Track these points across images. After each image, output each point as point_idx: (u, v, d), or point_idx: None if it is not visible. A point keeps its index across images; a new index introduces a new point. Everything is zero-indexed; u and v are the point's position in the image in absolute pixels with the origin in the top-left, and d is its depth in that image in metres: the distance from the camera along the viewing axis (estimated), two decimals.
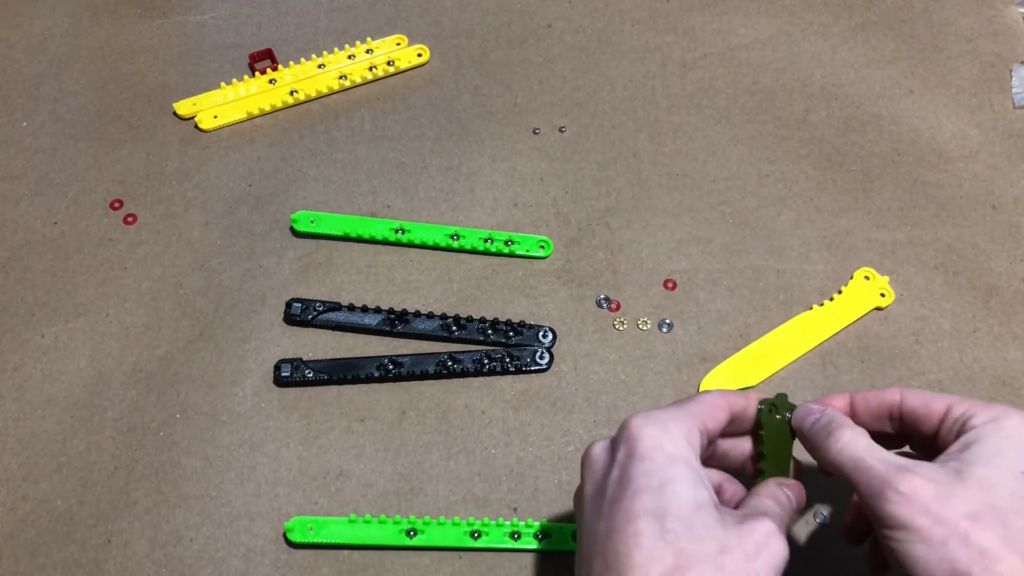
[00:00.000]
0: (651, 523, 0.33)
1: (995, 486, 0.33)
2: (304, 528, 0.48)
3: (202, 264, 0.57)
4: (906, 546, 0.33)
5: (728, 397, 0.39)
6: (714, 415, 0.38)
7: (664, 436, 0.35)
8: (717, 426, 0.38)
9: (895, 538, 0.33)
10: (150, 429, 0.52)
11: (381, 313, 0.54)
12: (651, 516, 0.33)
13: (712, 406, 0.38)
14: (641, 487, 0.34)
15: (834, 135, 0.61)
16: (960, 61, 0.64)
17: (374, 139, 0.62)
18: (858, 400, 0.40)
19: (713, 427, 0.38)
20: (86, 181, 0.60)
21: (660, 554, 0.33)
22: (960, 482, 0.33)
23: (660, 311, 0.55)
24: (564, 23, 0.67)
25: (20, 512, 0.50)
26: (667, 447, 0.35)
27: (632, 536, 0.33)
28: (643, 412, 0.37)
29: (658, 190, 0.59)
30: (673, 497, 0.34)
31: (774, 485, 0.38)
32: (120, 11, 0.68)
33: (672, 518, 0.33)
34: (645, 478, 0.34)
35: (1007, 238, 0.57)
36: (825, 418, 0.38)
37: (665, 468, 0.35)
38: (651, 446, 0.35)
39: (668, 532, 0.33)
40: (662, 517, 0.33)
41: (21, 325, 0.55)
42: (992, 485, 0.33)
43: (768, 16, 0.67)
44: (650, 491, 0.34)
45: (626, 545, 0.33)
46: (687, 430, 0.36)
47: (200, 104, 0.63)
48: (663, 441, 0.35)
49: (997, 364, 0.53)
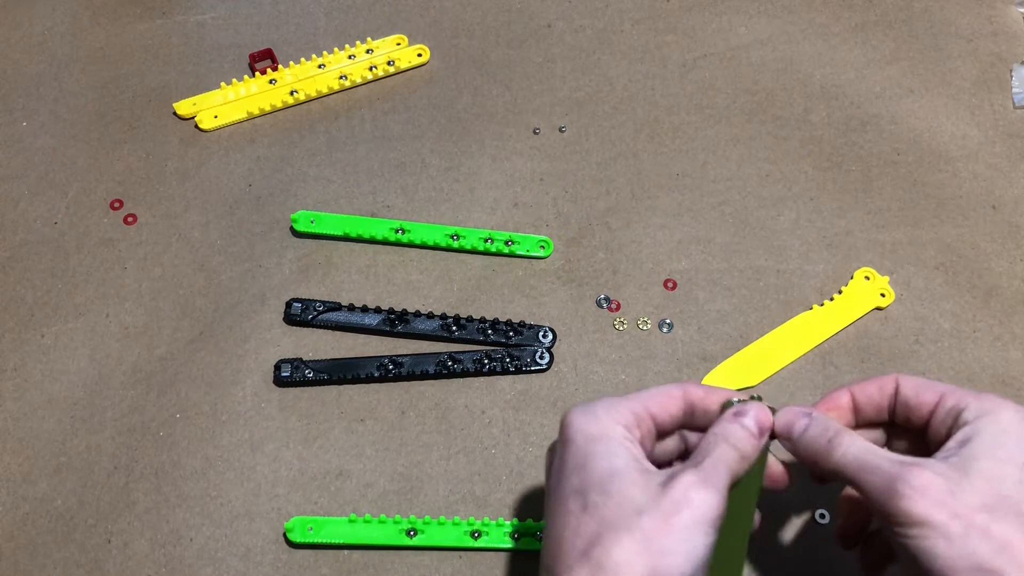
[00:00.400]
0: (576, 501, 0.34)
1: (1001, 478, 0.33)
2: (304, 528, 0.48)
3: (202, 264, 0.57)
4: (925, 543, 0.32)
5: (688, 389, 0.38)
6: (662, 403, 0.38)
7: (590, 420, 0.36)
8: (666, 415, 0.38)
9: (912, 535, 0.32)
10: (150, 429, 0.52)
11: (381, 313, 0.54)
12: (576, 494, 0.34)
13: (662, 395, 0.38)
14: (569, 469, 0.35)
15: (834, 135, 0.61)
16: (960, 61, 0.64)
17: (374, 139, 0.62)
18: (857, 391, 0.39)
19: (661, 415, 0.37)
20: (86, 181, 0.60)
21: (585, 528, 0.33)
22: (967, 476, 0.33)
23: (660, 311, 0.55)
24: (564, 23, 0.67)
25: (20, 512, 0.50)
26: (590, 429, 0.36)
27: (563, 518, 0.34)
28: (581, 402, 0.37)
29: (658, 190, 0.59)
30: (593, 472, 0.34)
31: (726, 421, 0.37)
32: (120, 11, 0.68)
33: (592, 491, 0.34)
34: (571, 461, 0.35)
35: (1007, 238, 0.57)
36: (818, 425, 0.37)
37: (585, 446, 0.35)
38: (576, 429, 0.36)
39: (589, 504, 0.33)
40: (584, 492, 0.34)
41: (21, 325, 0.55)
42: (998, 478, 0.33)
43: (768, 16, 0.67)
44: (575, 472, 0.35)
45: (558, 527, 0.34)
46: (618, 414, 0.36)
47: (200, 104, 0.63)
48: (588, 424, 0.36)
49: (997, 364, 0.53)
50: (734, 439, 0.36)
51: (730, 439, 0.36)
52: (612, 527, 0.32)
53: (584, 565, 0.32)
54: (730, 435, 0.36)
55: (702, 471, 0.34)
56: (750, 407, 0.37)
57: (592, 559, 0.32)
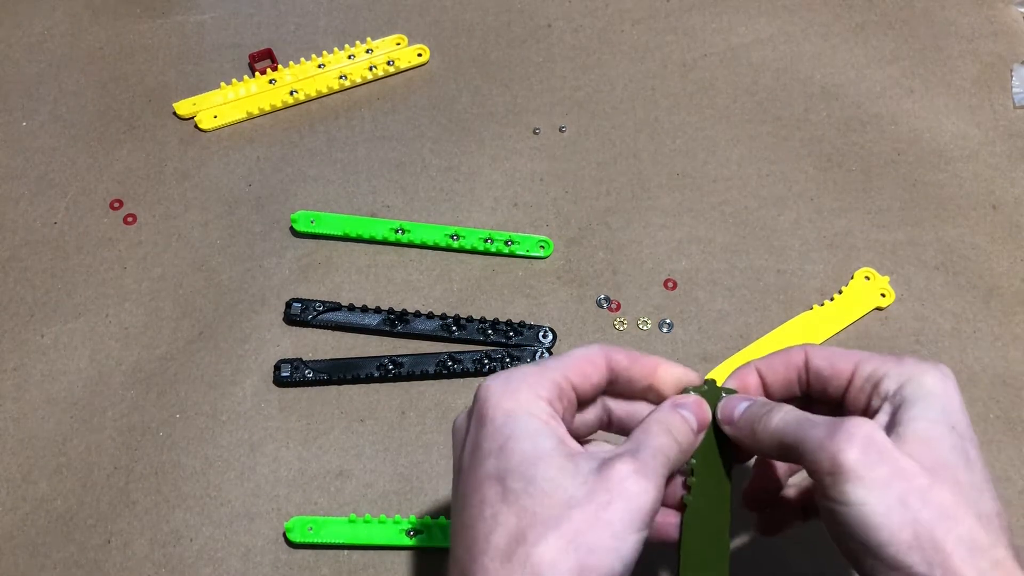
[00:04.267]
0: (493, 488, 0.31)
1: (936, 441, 0.31)
2: (304, 528, 0.48)
3: (202, 264, 0.57)
4: (861, 509, 0.30)
5: (610, 353, 0.35)
6: (582, 370, 0.34)
7: (507, 394, 0.32)
8: (588, 384, 0.35)
9: (848, 499, 0.30)
10: (150, 429, 0.52)
11: (381, 313, 0.54)
12: (493, 480, 0.31)
13: (582, 361, 0.34)
14: (485, 452, 0.32)
15: (834, 135, 0.61)
16: (960, 61, 0.64)
17: (374, 139, 0.62)
18: (764, 367, 0.37)
19: (582, 384, 0.34)
20: (86, 181, 0.60)
21: (503, 519, 0.30)
22: (902, 439, 0.31)
23: (660, 311, 0.55)
24: (564, 23, 0.67)
25: (20, 512, 0.49)
26: (507, 405, 0.32)
27: (477, 506, 0.31)
28: (496, 372, 0.34)
29: (658, 190, 0.59)
30: (512, 455, 0.31)
31: (667, 410, 0.34)
32: (120, 11, 0.68)
33: (512, 477, 0.30)
34: (488, 441, 0.32)
35: (1007, 238, 0.57)
36: (758, 403, 0.35)
37: (505, 426, 0.32)
38: (494, 405, 0.32)
39: (509, 492, 0.30)
40: (503, 478, 0.30)
41: (21, 325, 0.55)
42: (933, 440, 0.31)
43: (768, 16, 0.67)
44: (493, 454, 0.31)
45: (472, 516, 0.31)
46: (535, 385, 0.33)
47: (200, 104, 0.63)
48: (505, 400, 0.32)
49: (997, 364, 0.53)
50: (675, 431, 0.33)
51: (672, 430, 0.33)
52: (537, 521, 0.29)
53: (503, 565, 0.29)
54: (671, 425, 0.33)
55: (639, 460, 0.31)
56: (690, 399, 0.35)
57: (514, 560, 0.29)
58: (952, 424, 0.32)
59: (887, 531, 0.29)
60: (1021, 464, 0.50)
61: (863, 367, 0.34)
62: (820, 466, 0.31)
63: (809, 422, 0.32)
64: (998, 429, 0.51)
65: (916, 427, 0.31)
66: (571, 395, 0.34)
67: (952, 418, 0.32)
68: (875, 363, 0.34)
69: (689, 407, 0.35)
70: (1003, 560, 0.29)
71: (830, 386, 0.35)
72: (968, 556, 0.29)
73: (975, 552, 0.29)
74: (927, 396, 0.32)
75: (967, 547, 0.29)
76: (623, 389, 0.36)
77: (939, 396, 0.32)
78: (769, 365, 0.37)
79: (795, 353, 0.36)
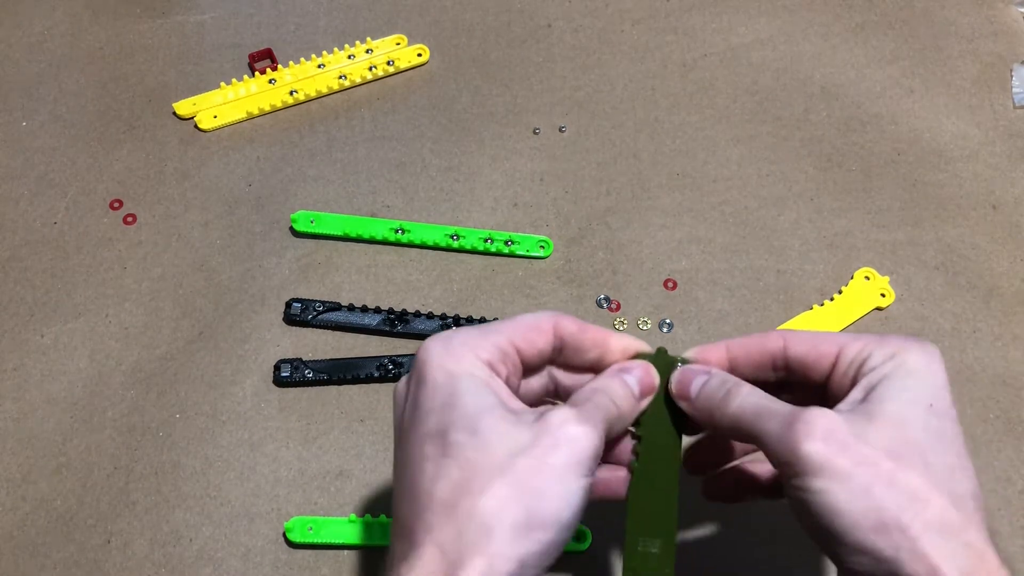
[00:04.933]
0: (434, 445, 0.30)
1: (908, 421, 0.30)
2: (304, 528, 0.48)
3: (202, 264, 0.57)
4: (825, 497, 0.29)
5: (560, 322, 0.34)
6: (529, 338, 0.34)
7: (448, 355, 0.32)
8: (534, 350, 0.34)
9: (810, 488, 0.30)
10: (150, 429, 0.52)
11: (381, 313, 0.54)
12: (435, 436, 0.30)
13: (528, 327, 0.34)
14: (425, 411, 0.31)
15: (834, 135, 0.61)
16: (960, 61, 0.64)
17: (374, 139, 0.62)
18: (736, 349, 0.36)
19: (528, 350, 0.34)
20: (86, 181, 0.60)
21: (445, 471, 0.29)
22: (871, 421, 0.30)
23: (660, 311, 0.55)
24: (564, 23, 0.67)
25: (20, 512, 0.49)
26: (449, 365, 0.32)
27: (419, 463, 0.30)
28: (436, 334, 0.33)
29: (658, 190, 0.59)
30: (453, 410, 0.30)
31: (609, 376, 0.34)
32: (120, 11, 0.68)
33: (454, 430, 0.30)
34: (429, 400, 0.31)
35: (1007, 238, 0.57)
36: (715, 379, 0.34)
37: (446, 384, 0.31)
38: (436, 366, 0.32)
39: (451, 446, 0.30)
40: (444, 434, 0.30)
41: (21, 325, 0.55)
42: (905, 421, 0.30)
43: (768, 16, 0.67)
44: (434, 412, 0.31)
45: (413, 473, 0.30)
46: (481, 348, 0.32)
47: (200, 104, 0.63)
48: (446, 360, 0.32)
49: (997, 364, 0.53)
50: (614, 395, 0.33)
51: (610, 394, 0.33)
52: (481, 471, 0.29)
53: (448, 518, 0.29)
54: (611, 390, 0.33)
55: (583, 412, 0.31)
56: (636, 366, 0.35)
57: (458, 511, 0.29)
58: (929, 402, 0.31)
59: (850, 517, 0.29)
60: (1021, 464, 0.50)
61: (847, 350, 0.33)
62: (779, 458, 0.31)
63: (768, 412, 0.32)
64: (998, 429, 0.51)
65: (888, 407, 0.31)
66: (515, 359, 0.34)
67: (929, 396, 0.31)
68: (859, 344, 0.33)
69: (633, 373, 0.34)
70: (974, 542, 0.29)
71: (813, 372, 0.34)
72: (937, 538, 0.29)
73: (945, 534, 0.29)
74: (906, 375, 0.32)
75: (936, 530, 0.29)
76: (572, 358, 0.35)
77: (919, 373, 0.32)
78: (742, 346, 0.36)
79: (772, 338, 0.35)
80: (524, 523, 0.29)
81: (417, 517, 0.30)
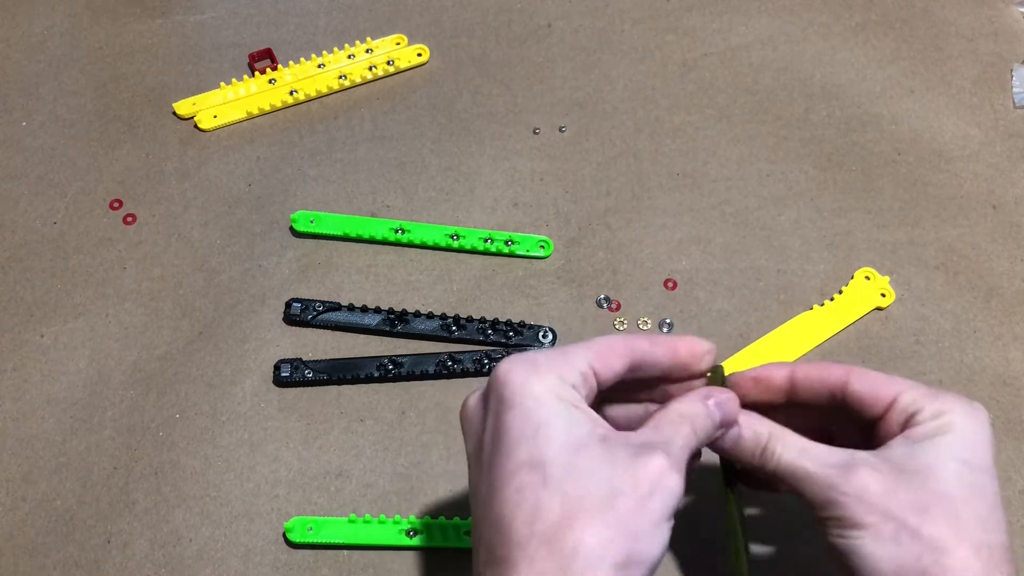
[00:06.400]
0: (531, 475, 0.30)
1: (941, 476, 0.32)
2: (304, 528, 0.48)
3: (202, 264, 0.57)
4: (855, 543, 0.32)
5: (632, 342, 0.35)
6: (608, 362, 0.34)
7: (532, 378, 0.32)
8: (610, 372, 0.34)
9: (845, 535, 0.33)
10: (150, 429, 0.52)
11: (381, 313, 0.54)
12: (529, 467, 0.31)
13: (608, 352, 0.34)
14: (515, 438, 0.31)
15: (834, 135, 0.61)
16: (960, 61, 0.64)
17: (374, 139, 0.62)
18: (800, 374, 0.37)
19: (604, 371, 0.34)
20: (86, 181, 0.60)
21: (546, 506, 0.30)
22: (904, 474, 0.33)
23: (660, 311, 0.55)
24: (564, 23, 0.67)
25: (20, 512, 0.49)
26: (535, 389, 0.32)
27: (514, 494, 0.30)
28: (514, 355, 0.34)
29: (658, 190, 0.59)
30: (550, 442, 0.31)
31: (697, 400, 0.35)
32: (120, 11, 0.68)
33: (552, 464, 0.30)
34: (518, 427, 0.31)
35: (1007, 238, 0.57)
36: (748, 433, 0.36)
37: (537, 411, 0.31)
38: (519, 391, 0.32)
39: (550, 480, 0.30)
40: (541, 466, 0.30)
41: (21, 325, 0.55)
42: (938, 475, 0.33)
43: (768, 16, 0.67)
44: (525, 440, 0.31)
45: (510, 505, 0.30)
46: (561, 369, 0.33)
47: (200, 104, 0.63)
48: (531, 384, 0.32)
49: (998, 364, 0.53)
50: (698, 425, 0.34)
51: (695, 424, 0.34)
52: (583, 508, 0.29)
53: (550, 552, 0.29)
54: (696, 420, 0.34)
55: (672, 456, 0.32)
56: (723, 394, 0.36)
57: (559, 544, 0.29)
58: (965, 458, 0.33)
59: (874, 563, 0.32)
60: (1021, 464, 0.50)
61: (903, 398, 0.35)
62: (816, 512, 0.34)
63: (804, 473, 0.34)
64: (998, 429, 0.51)
65: (921, 462, 0.33)
66: (593, 383, 0.34)
67: (967, 453, 0.33)
68: (914, 395, 0.35)
69: (725, 403, 0.35)
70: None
71: (868, 410, 0.36)
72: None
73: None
74: (948, 432, 0.34)
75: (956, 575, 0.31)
76: (646, 373, 0.36)
77: (960, 430, 0.34)
78: (806, 374, 0.37)
79: (836, 371, 0.37)
80: (624, 562, 0.30)
81: (514, 547, 0.30)
